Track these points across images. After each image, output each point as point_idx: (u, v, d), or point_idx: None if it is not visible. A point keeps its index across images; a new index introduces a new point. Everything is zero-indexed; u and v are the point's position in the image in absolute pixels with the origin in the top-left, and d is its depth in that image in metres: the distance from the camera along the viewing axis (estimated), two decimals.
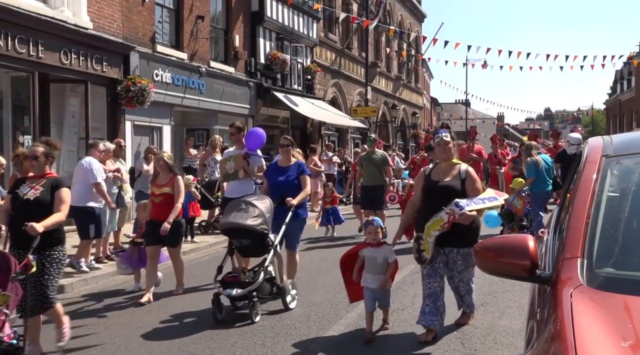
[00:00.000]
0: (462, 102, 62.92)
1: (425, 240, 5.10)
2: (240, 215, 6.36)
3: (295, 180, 7.00)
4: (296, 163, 7.11)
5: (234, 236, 6.58)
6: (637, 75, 47.18)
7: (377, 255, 5.56)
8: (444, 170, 5.47)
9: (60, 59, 11.65)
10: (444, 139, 5.36)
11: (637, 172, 2.81)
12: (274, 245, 6.54)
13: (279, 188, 6.93)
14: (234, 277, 6.54)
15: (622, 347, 1.78)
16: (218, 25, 17.90)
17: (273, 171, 7.17)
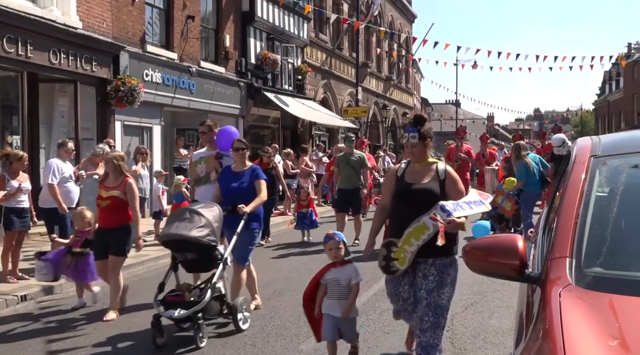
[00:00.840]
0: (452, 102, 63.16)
1: (401, 248, 4.28)
2: (184, 226, 5.62)
3: (250, 186, 6.36)
4: (250, 168, 6.48)
5: (177, 249, 5.84)
6: (626, 76, 47.53)
7: (340, 276, 4.74)
8: (419, 170, 4.57)
9: (49, 59, 11.57)
10: (410, 141, 4.53)
11: (625, 172, 2.83)
12: (224, 258, 5.81)
13: (232, 194, 6.31)
14: (178, 296, 5.79)
15: (610, 346, 1.79)
16: (208, 25, 17.85)
17: (226, 176, 6.52)
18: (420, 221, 4.23)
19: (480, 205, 4.34)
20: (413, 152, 4.58)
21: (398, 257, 4.33)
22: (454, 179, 4.56)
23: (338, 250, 4.75)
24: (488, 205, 4.38)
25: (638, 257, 2.39)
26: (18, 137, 11.37)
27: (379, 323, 6.05)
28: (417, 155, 4.56)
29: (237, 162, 6.54)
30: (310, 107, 22.44)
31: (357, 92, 27.24)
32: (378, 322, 6.09)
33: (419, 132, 4.52)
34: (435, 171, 4.56)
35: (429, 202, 4.27)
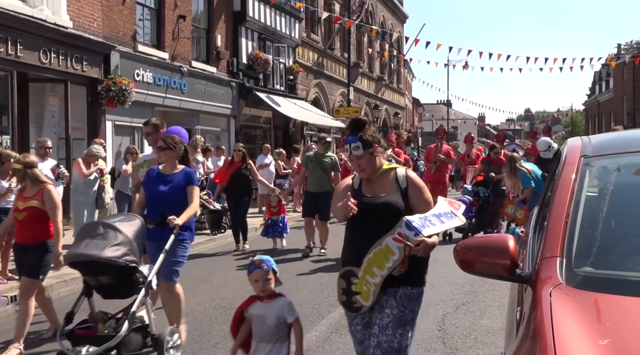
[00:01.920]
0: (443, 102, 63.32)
1: (362, 279, 3.40)
2: (96, 244, 4.66)
3: (181, 192, 5.42)
4: (183, 171, 5.53)
5: (87, 272, 4.86)
6: (615, 77, 47.81)
7: (266, 314, 3.76)
8: (376, 181, 3.68)
9: (39, 58, 11.51)
10: (353, 153, 3.59)
11: (615, 173, 2.85)
12: (147, 281, 4.86)
13: (159, 201, 5.37)
14: (88, 329, 4.77)
15: (601, 345, 1.80)
16: (200, 25, 17.82)
17: (153, 180, 5.52)
18: (383, 244, 3.29)
19: (453, 218, 3.46)
20: (361, 165, 3.60)
21: (360, 290, 3.42)
22: (419, 187, 3.64)
23: (266, 282, 3.75)
24: (462, 218, 3.52)
25: (628, 256, 2.41)
26: (8, 137, 11.30)
27: None
28: (368, 167, 3.61)
29: (166, 163, 5.59)
30: (302, 107, 22.44)
31: (349, 92, 27.26)
32: None
33: (362, 139, 3.58)
34: (394, 179, 3.65)
35: (392, 219, 3.33)
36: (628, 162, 2.88)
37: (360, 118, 3.78)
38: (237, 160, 10.78)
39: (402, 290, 3.49)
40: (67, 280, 8.12)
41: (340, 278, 3.52)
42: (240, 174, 10.69)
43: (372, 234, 3.37)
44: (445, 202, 3.59)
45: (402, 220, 3.26)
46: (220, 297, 7.28)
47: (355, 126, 3.67)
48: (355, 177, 3.80)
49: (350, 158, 3.68)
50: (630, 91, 43.12)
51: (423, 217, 3.34)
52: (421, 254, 3.30)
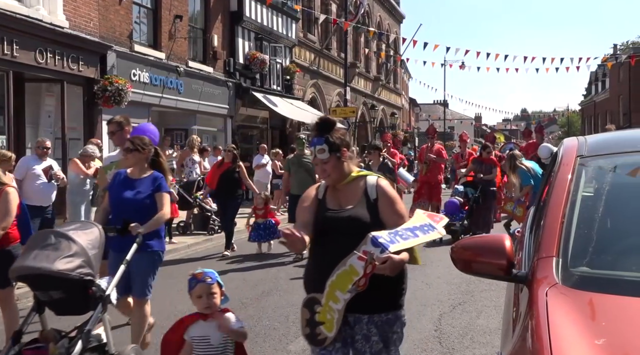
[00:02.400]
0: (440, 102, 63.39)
1: (325, 305, 2.99)
2: (46, 255, 4.11)
3: (149, 198, 4.98)
4: (151, 175, 5.07)
5: (37, 286, 4.28)
6: (611, 77, 47.92)
7: (210, 333, 3.42)
8: (343, 191, 3.27)
9: (35, 58, 11.49)
10: (318, 157, 3.23)
11: (610, 172, 2.86)
12: (105, 296, 4.29)
13: (124, 208, 4.94)
14: (38, 350, 4.25)
15: (596, 345, 1.81)
16: (196, 25, 17.80)
17: (118, 184, 5.10)
18: (347, 264, 2.87)
19: (431, 231, 3.04)
20: (326, 171, 3.21)
21: (324, 319, 3.01)
22: (390, 198, 3.20)
23: (210, 297, 3.38)
24: (441, 231, 3.10)
25: (624, 256, 2.42)
26: (4, 137, 11.28)
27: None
28: (334, 173, 3.22)
29: (133, 166, 5.13)
30: (298, 107, 22.44)
31: (346, 92, 27.26)
32: None
33: (328, 141, 3.20)
34: (363, 188, 3.23)
35: (360, 235, 2.90)
36: (624, 162, 2.89)
37: (328, 117, 3.39)
38: (226, 162, 10.40)
39: (377, 317, 3.10)
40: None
41: (303, 308, 3.10)
42: (229, 176, 10.24)
43: (336, 254, 2.92)
44: (424, 215, 3.20)
45: (367, 236, 2.85)
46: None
47: (322, 126, 3.26)
48: (320, 186, 3.36)
49: (315, 162, 3.28)
50: (626, 91, 43.22)
51: (393, 231, 2.92)
52: (387, 273, 2.83)
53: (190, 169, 13.08)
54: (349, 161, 3.28)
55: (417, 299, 7.01)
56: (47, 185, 8.67)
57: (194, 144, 13.62)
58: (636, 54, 33.69)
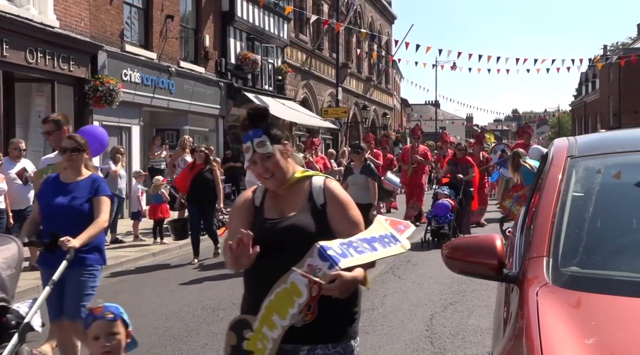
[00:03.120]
0: (431, 103, 63.51)
1: (258, 333, 2.43)
2: None
3: (85, 205, 4.31)
4: (89, 178, 4.43)
5: None
6: (602, 78, 48.20)
7: None
8: (284, 196, 2.70)
9: (25, 58, 11.43)
10: (258, 151, 2.63)
11: (601, 173, 2.87)
12: (24, 324, 3.47)
13: (57, 217, 4.25)
14: None
15: (587, 344, 1.82)
16: (188, 25, 17.76)
17: (48, 190, 4.43)
18: (287, 281, 2.36)
19: (392, 244, 2.51)
20: (269, 169, 2.62)
21: (253, 349, 2.44)
22: (341, 202, 2.66)
23: (111, 339, 2.69)
24: (405, 244, 2.54)
25: (614, 256, 2.43)
26: None
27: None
28: (278, 173, 2.64)
29: (68, 168, 4.48)
30: (290, 107, 22.43)
31: (338, 93, 27.28)
32: None
33: (268, 132, 2.63)
34: (307, 192, 2.68)
35: (304, 248, 2.39)
36: (614, 163, 2.91)
37: (261, 107, 2.78)
38: (199, 163, 9.76)
39: (322, 350, 2.54)
40: None
41: (229, 331, 2.52)
42: (202, 178, 9.57)
43: (276, 272, 2.40)
44: (386, 223, 2.63)
45: (314, 247, 2.33)
46: (208, 297, 7.26)
47: (256, 117, 2.67)
48: (257, 190, 2.78)
49: (251, 160, 2.64)
50: (616, 92, 43.49)
51: (346, 242, 2.40)
52: (337, 295, 2.30)
53: (182, 169, 13.04)
54: (292, 158, 2.71)
55: (409, 299, 7.02)
56: (22, 188, 8.53)
57: (185, 145, 13.57)
58: (626, 54, 33.92)
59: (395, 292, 7.38)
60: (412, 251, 10.16)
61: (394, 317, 6.23)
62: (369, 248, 2.44)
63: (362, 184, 8.74)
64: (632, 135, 3.55)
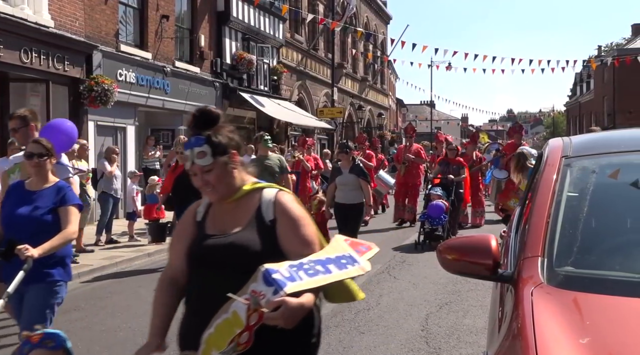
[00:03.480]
0: (427, 103, 63.60)
1: None
2: None
3: (47, 216, 3.96)
4: (55, 186, 4.08)
5: None
6: (596, 78, 48.36)
7: None
8: (228, 210, 2.44)
9: (20, 58, 11.40)
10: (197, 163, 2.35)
11: (595, 173, 2.88)
12: None
13: (18, 227, 3.93)
14: None
15: (581, 344, 1.82)
16: (183, 25, 17.74)
17: (13, 197, 4.12)
18: (229, 311, 2.08)
19: (350, 265, 2.24)
20: (208, 183, 2.36)
21: None
22: (293, 218, 2.37)
23: None
24: (365, 265, 2.27)
25: (608, 256, 2.44)
26: None
27: (354, 323, 6.06)
28: (219, 186, 2.37)
29: (33, 175, 4.14)
30: (285, 107, 22.43)
31: (333, 93, 27.29)
32: (354, 321, 6.10)
33: (211, 141, 2.34)
34: (256, 206, 2.41)
35: (248, 270, 2.12)
36: (608, 163, 2.92)
37: (211, 109, 2.46)
38: (182, 164, 9.06)
39: None
40: None
41: None
42: (185, 179, 8.98)
43: (216, 298, 2.12)
44: (345, 243, 2.37)
45: (258, 271, 2.07)
46: None
47: (201, 120, 2.38)
48: (201, 203, 2.54)
49: (192, 170, 2.36)
50: (611, 92, 43.63)
51: (296, 264, 2.14)
52: (280, 324, 2.01)
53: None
54: (240, 169, 2.44)
55: (404, 299, 7.03)
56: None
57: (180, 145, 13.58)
58: (620, 55, 34.03)
59: (391, 292, 7.39)
60: (407, 251, 10.16)
61: (389, 317, 6.24)
62: (322, 270, 2.16)
63: (352, 184, 8.33)
64: (626, 135, 3.56)
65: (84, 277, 8.27)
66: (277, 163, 8.73)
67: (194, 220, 2.50)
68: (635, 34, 47.49)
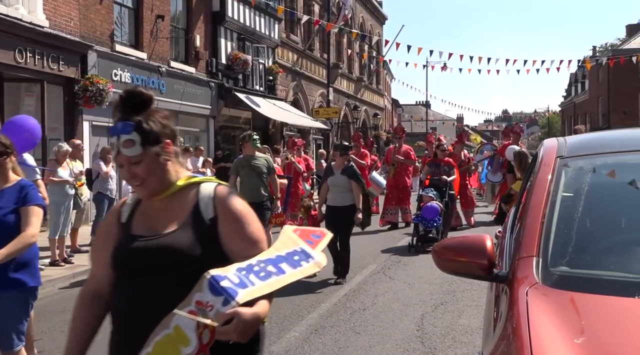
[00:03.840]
0: (422, 103, 63.65)
1: None
2: None
3: (10, 216, 3.73)
4: (17, 184, 3.85)
5: None
6: (591, 78, 48.50)
7: None
8: (164, 207, 2.14)
9: (15, 58, 11.36)
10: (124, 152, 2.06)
11: (590, 173, 2.89)
12: None
13: None
14: None
15: (576, 344, 1.83)
16: (178, 25, 17.72)
17: None
18: (170, 327, 1.82)
19: (304, 262, 1.99)
20: (137, 176, 2.06)
21: None
22: (237, 214, 2.09)
23: None
24: (320, 259, 2.01)
25: (602, 256, 2.45)
26: None
27: (350, 323, 6.06)
28: (150, 180, 2.08)
29: None
30: (281, 107, 22.42)
31: (329, 93, 27.29)
32: (349, 322, 6.11)
33: (140, 128, 2.06)
34: (193, 204, 2.10)
35: (184, 276, 1.92)
36: (603, 163, 2.92)
37: (141, 91, 2.17)
38: None
39: None
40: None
41: None
42: None
43: (150, 309, 1.89)
44: (295, 234, 2.08)
45: (203, 278, 1.79)
46: None
47: (130, 103, 2.10)
48: (126, 202, 2.24)
49: (118, 162, 2.07)
50: (605, 93, 43.77)
51: (245, 267, 1.87)
52: (235, 339, 1.78)
53: None
54: (175, 160, 2.14)
55: (400, 299, 7.04)
56: None
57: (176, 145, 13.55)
58: (615, 56, 34.13)
59: (386, 292, 7.39)
60: (403, 252, 10.16)
61: (384, 317, 6.25)
62: (274, 271, 1.89)
63: (343, 186, 8.02)
64: (621, 135, 3.57)
65: (79, 278, 8.26)
66: (265, 163, 8.44)
67: (118, 222, 2.17)
68: (629, 34, 47.65)
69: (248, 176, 8.31)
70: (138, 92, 2.14)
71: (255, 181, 8.28)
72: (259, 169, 8.31)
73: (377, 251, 10.16)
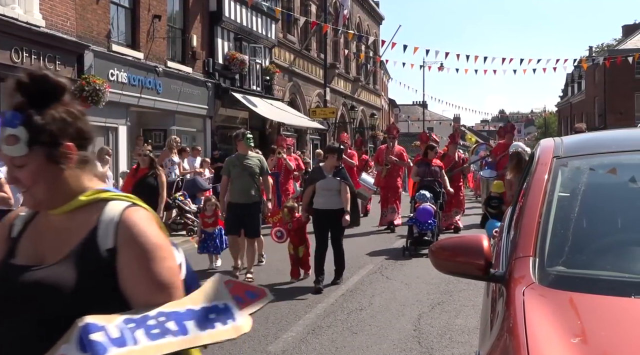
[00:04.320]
0: (419, 103, 63.69)
1: None
2: None
3: None
4: None
5: None
6: (587, 79, 48.61)
7: None
8: (57, 227, 1.68)
9: (11, 58, 11.34)
10: (4, 151, 1.62)
11: (586, 173, 2.90)
12: None
13: None
14: None
15: (572, 344, 1.83)
16: (175, 25, 17.69)
17: None
18: None
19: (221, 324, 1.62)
20: (16, 180, 1.66)
21: None
22: (144, 246, 1.61)
23: None
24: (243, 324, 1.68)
25: (599, 255, 2.45)
26: None
27: (347, 323, 6.07)
28: (36, 189, 1.64)
29: None
30: (278, 107, 22.41)
31: (326, 93, 27.29)
32: (346, 322, 6.11)
33: (30, 122, 1.63)
34: (89, 229, 1.64)
35: (60, 321, 1.51)
36: (599, 163, 2.93)
37: (47, 75, 1.71)
38: (142, 167, 9.10)
39: None
40: None
41: None
42: (145, 183, 8.84)
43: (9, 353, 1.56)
44: (226, 286, 1.68)
45: (74, 326, 1.42)
46: None
47: (26, 88, 1.71)
48: (20, 215, 1.80)
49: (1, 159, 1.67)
50: (602, 93, 43.87)
51: (137, 319, 1.47)
52: None
53: (169, 169, 12.99)
54: (79, 168, 1.69)
55: (397, 299, 7.04)
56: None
57: (173, 145, 13.54)
58: (611, 56, 34.21)
59: (383, 292, 7.39)
60: (400, 252, 10.16)
61: (381, 317, 6.25)
62: (174, 330, 1.47)
63: (336, 189, 7.72)
64: (617, 135, 3.58)
65: None
66: (258, 163, 8.17)
67: (7, 236, 1.73)
68: (625, 34, 47.76)
69: (239, 176, 8.03)
70: (41, 76, 1.67)
71: (247, 181, 8.02)
72: (251, 169, 8.05)
73: (374, 251, 10.17)
